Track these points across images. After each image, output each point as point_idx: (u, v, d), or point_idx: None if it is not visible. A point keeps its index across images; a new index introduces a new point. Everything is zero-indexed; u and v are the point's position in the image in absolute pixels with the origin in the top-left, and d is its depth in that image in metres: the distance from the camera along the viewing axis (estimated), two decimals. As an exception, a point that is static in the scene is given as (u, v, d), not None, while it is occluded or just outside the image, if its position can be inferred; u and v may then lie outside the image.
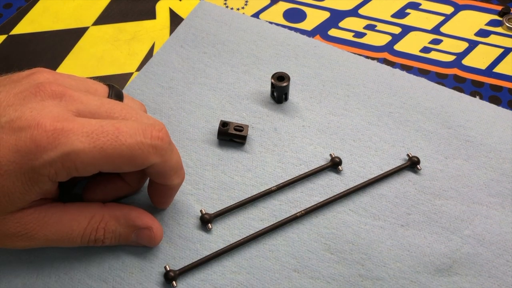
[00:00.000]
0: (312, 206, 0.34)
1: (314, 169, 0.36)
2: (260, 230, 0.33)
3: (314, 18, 0.47)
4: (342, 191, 0.35)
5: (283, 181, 0.36)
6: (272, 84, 0.38)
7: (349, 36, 0.45)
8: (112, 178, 0.32)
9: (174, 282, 0.31)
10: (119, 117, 0.29)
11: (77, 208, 0.30)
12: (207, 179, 0.36)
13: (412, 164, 0.36)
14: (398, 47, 0.45)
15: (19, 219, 0.28)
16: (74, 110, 0.28)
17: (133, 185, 0.33)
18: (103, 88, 0.32)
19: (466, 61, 0.43)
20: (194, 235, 0.33)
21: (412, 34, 0.46)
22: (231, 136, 0.37)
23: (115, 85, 0.33)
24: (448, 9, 0.47)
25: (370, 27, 0.46)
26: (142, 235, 0.31)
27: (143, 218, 0.31)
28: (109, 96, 0.32)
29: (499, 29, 0.45)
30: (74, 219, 0.29)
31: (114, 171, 0.28)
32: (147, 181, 0.34)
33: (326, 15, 0.47)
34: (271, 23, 0.46)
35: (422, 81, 0.41)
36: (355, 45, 0.45)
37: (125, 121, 0.28)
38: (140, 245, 0.32)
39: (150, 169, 0.29)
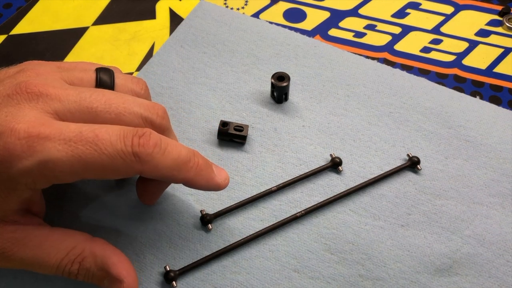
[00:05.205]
0: (312, 206, 0.34)
1: (314, 169, 0.36)
2: (260, 230, 0.33)
3: (314, 18, 0.47)
4: (342, 191, 0.35)
5: (283, 181, 0.36)
6: (272, 84, 0.38)
7: (349, 36, 0.45)
8: None
9: (174, 282, 0.31)
10: (103, 111, 0.27)
11: (61, 234, 0.28)
12: (207, 179, 0.36)
13: (412, 164, 0.36)
14: (398, 47, 0.45)
15: None
16: (51, 111, 0.26)
17: None
18: (89, 77, 0.30)
19: (466, 61, 0.43)
20: (194, 235, 0.33)
21: (412, 34, 0.45)
22: (231, 136, 0.37)
23: (105, 68, 0.31)
24: (448, 9, 0.47)
25: (370, 27, 0.46)
26: (113, 286, 0.28)
27: (119, 267, 0.28)
28: (97, 85, 0.30)
29: (499, 29, 0.45)
30: (54, 246, 0.28)
31: (99, 178, 0.26)
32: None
33: (326, 15, 0.47)
34: (271, 23, 0.46)
35: (422, 81, 0.41)
36: (355, 45, 0.45)
37: (107, 126, 0.26)
38: None
39: (142, 174, 0.27)
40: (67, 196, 0.35)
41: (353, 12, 0.47)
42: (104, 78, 0.30)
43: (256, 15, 0.47)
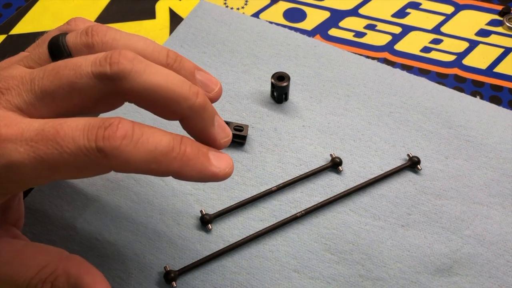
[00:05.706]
0: (312, 206, 0.34)
1: (314, 169, 0.36)
2: (260, 230, 0.33)
3: (314, 17, 0.47)
4: (342, 191, 0.35)
5: (283, 181, 0.35)
6: (272, 84, 0.38)
7: (349, 36, 0.45)
8: None
9: (174, 282, 0.31)
10: (55, 90, 0.23)
11: (34, 251, 0.26)
12: (207, 179, 0.36)
13: (413, 164, 0.36)
14: (398, 47, 0.44)
15: None
16: (13, 108, 0.24)
17: None
18: (42, 53, 0.26)
19: (466, 61, 0.43)
20: (194, 235, 0.33)
21: (412, 34, 0.45)
22: (231, 136, 0.37)
23: (58, 35, 0.26)
24: (448, 9, 0.47)
25: (370, 27, 0.46)
26: None
27: None
28: (53, 58, 0.26)
29: (499, 29, 0.45)
30: (25, 264, 0.25)
31: (72, 178, 0.24)
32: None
33: (326, 14, 0.47)
34: (271, 23, 0.46)
35: (423, 81, 0.41)
36: (355, 45, 0.45)
37: (71, 120, 0.23)
38: None
39: (115, 170, 0.24)
40: (68, 196, 0.35)
41: (353, 12, 0.47)
42: (55, 48, 0.26)
43: (256, 15, 0.47)
